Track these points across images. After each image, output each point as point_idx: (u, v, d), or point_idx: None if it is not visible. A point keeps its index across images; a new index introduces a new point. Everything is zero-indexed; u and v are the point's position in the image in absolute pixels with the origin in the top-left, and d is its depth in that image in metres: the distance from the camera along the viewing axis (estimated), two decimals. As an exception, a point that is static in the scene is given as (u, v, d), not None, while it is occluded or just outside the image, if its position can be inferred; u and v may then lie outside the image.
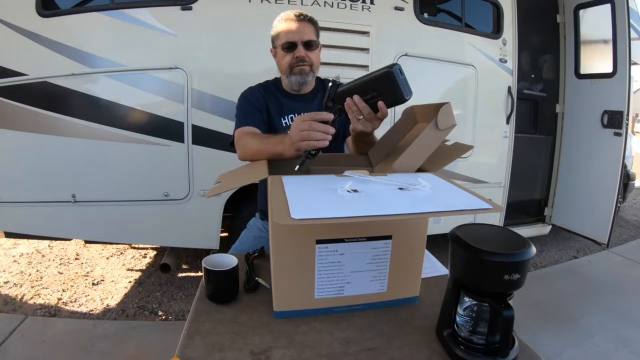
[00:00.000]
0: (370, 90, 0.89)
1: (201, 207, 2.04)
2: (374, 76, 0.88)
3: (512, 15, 2.45)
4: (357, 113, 0.91)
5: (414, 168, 0.85)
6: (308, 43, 1.20)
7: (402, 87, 0.85)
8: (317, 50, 1.24)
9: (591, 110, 2.67)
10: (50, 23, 1.81)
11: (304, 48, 1.20)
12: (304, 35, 1.19)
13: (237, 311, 0.81)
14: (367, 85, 0.89)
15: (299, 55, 1.20)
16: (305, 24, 1.21)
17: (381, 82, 0.86)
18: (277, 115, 1.26)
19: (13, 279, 2.43)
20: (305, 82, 1.24)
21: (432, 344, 0.72)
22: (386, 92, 0.86)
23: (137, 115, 1.92)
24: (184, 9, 1.88)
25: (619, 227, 3.69)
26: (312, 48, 1.22)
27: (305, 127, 0.85)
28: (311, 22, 1.22)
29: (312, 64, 1.23)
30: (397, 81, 0.84)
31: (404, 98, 0.86)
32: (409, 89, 0.86)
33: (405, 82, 0.85)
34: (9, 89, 1.81)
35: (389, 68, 0.85)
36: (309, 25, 1.21)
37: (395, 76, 0.84)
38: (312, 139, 0.84)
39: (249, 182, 0.83)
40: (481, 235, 0.67)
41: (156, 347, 1.76)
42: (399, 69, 0.85)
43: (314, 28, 1.23)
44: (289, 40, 1.19)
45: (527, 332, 1.91)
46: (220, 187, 0.81)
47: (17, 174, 1.93)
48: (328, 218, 0.58)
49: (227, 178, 0.88)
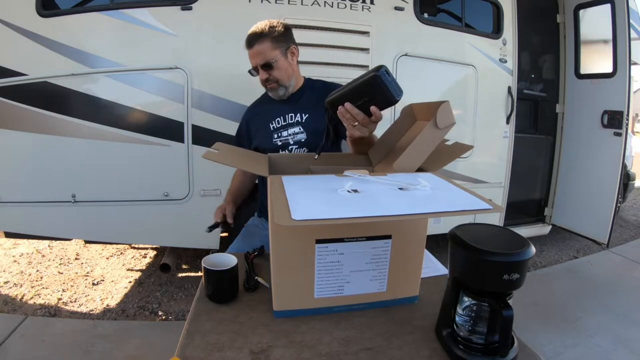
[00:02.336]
0: (361, 96, 0.88)
1: (201, 207, 2.04)
2: (362, 82, 0.87)
3: (512, 15, 2.45)
4: (351, 120, 0.92)
5: (414, 168, 0.85)
6: (265, 65, 1.24)
7: (392, 89, 0.85)
8: (279, 64, 1.26)
9: (591, 110, 2.67)
10: (50, 23, 1.81)
11: (263, 70, 1.25)
12: (258, 59, 1.24)
13: (237, 310, 0.81)
14: (356, 91, 0.89)
15: (261, 79, 1.28)
16: (258, 46, 1.23)
17: (370, 86, 0.86)
18: (266, 122, 1.33)
19: (13, 279, 2.43)
20: (279, 95, 1.31)
21: (432, 343, 0.72)
22: (377, 95, 0.86)
23: (137, 115, 1.92)
24: (184, 9, 1.88)
25: (619, 227, 3.69)
26: (271, 67, 1.25)
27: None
28: (263, 39, 1.23)
29: (278, 80, 1.27)
30: (385, 84, 0.84)
31: (395, 99, 0.86)
32: (399, 89, 0.86)
33: (393, 82, 0.85)
34: (9, 89, 1.81)
35: (375, 71, 0.84)
36: (261, 46, 1.23)
37: (382, 79, 0.84)
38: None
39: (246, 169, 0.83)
40: (481, 235, 0.67)
41: (156, 347, 1.76)
42: (385, 70, 0.84)
43: (269, 44, 1.23)
44: (252, 66, 1.27)
45: (527, 332, 1.92)
46: (218, 157, 0.81)
47: (17, 174, 1.93)
48: (328, 219, 0.58)
49: (226, 152, 0.87)
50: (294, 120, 1.31)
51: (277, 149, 1.30)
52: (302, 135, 1.30)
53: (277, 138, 1.31)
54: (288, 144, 1.31)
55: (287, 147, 1.31)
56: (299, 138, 1.30)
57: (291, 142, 1.30)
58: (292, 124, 1.31)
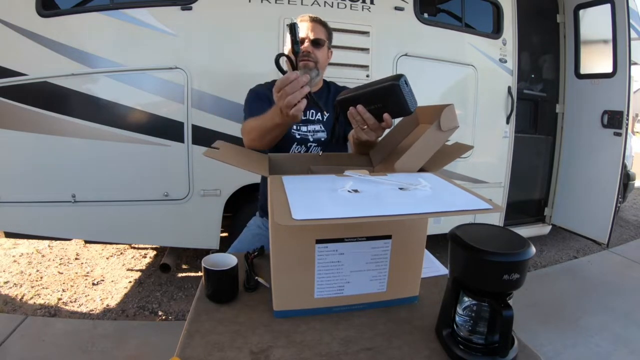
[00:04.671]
0: (375, 102, 0.88)
1: (201, 207, 2.04)
2: (379, 87, 0.86)
3: (512, 15, 2.45)
4: (361, 123, 0.91)
5: (415, 169, 0.85)
6: (316, 41, 1.25)
7: (408, 100, 0.84)
8: (324, 49, 1.29)
9: (591, 110, 2.67)
10: (50, 23, 1.81)
11: (311, 44, 1.24)
12: (312, 33, 1.25)
13: (237, 311, 0.81)
14: (371, 95, 0.88)
15: (304, 50, 1.23)
16: (317, 24, 1.27)
17: (387, 94, 0.85)
18: None
19: (13, 279, 2.43)
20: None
21: (432, 343, 0.72)
22: (391, 103, 0.86)
23: (137, 115, 1.92)
24: (184, 9, 1.88)
25: (619, 227, 3.69)
26: (319, 46, 1.26)
27: (283, 95, 0.86)
28: (323, 25, 1.29)
29: (318, 62, 1.26)
30: (403, 94, 0.83)
31: (410, 110, 0.85)
32: (414, 101, 0.85)
33: (410, 93, 0.84)
34: (9, 89, 1.81)
35: (395, 80, 0.83)
36: (319, 26, 1.27)
37: (401, 89, 0.83)
38: (293, 102, 0.85)
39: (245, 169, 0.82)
40: (481, 235, 0.67)
41: (156, 347, 1.76)
42: (404, 80, 0.83)
43: (324, 30, 1.29)
44: (302, 36, 1.24)
45: (527, 332, 1.92)
46: (218, 155, 0.80)
47: (17, 174, 1.93)
48: (329, 218, 0.58)
49: (227, 150, 0.87)
50: (315, 117, 1.28)
51: (293, 140, 1.25)
52: (322, 134, 1.27)
53: (295, 130, 1.26)
54: (307, 140, 1.26)
55: (305, 142, 1.26)
56: (319, 136, 1.27)
57: (311, 139, 1.26)
58: (313, 121, 1.28)
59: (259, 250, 1.05)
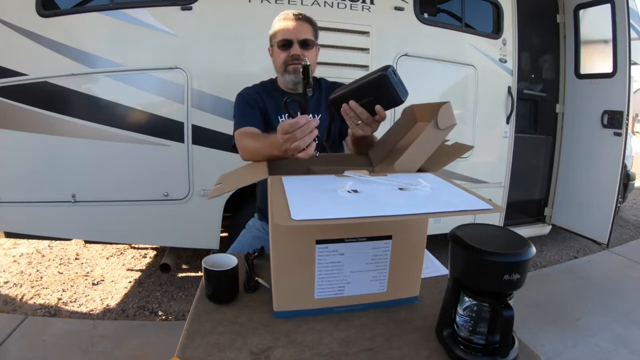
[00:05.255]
0: (366, 95, 0.88)
1: (201, 207, 2.04)
2: (368, 80, 0.87)
3: (512, 15, 2.45)
4: (355, 118, 0.91)
5: (414, 168, 0.85)
6: (304, 42, 1.21)
7: (398, 89, 0.84)
8: (313, 50, 1.25)
9: (591, 110, 2.67)
10: (50, 23, 1.81)
11: (300, 47, 1.20)
12: (301, 34, 1.20)
13: (237, 311, 0.81)
14: (362, 90, 0.88)
15: (294, 54, 1.20)
16: (303, 23, 1.21)
17: (376, 86, 0.85)
18: (274, 113, 1.26)
19: (13, 279, 2.43)
20: (299, 81, 1.20)
21: (432, 343, 0.72)
22: (382, 95, 0.86)
23: (137, 115, 1.92)
24: (184, 9, 1.88)
25: (619, 227, 3.69)
26: (309, 47, 1.22)
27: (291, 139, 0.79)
28: (309, 22, 1.23)
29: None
30: (392, 84, 0.84)
31: (401, 99, 0.86)
32: (404, 90, 0.86)
33: (400, 83, 0.85)
34: (9, 89, 1.81)
35: (383, 71, 0.84)
36: (306, 25, 1.22)
37: (389, 79, 0.83)
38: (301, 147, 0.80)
39: (249, 183, 0.83)
40: (481, 235, 0.67)
41: (156, 347, 1.76)
42: (392, 71, 0.84)
43: (311, 28, 1.23)
44: (285, 38, 1.20)
45: (527, 332, 1.92)
46: (221, 188, 0.81)
47: (17, 174, 1.93)
48: (328, 219, 0.58)
49: (228, 179, 0.88)
50: None
51: None
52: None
53: None
54: None
55: None
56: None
57: None
58: None
59: (259, 250, 1.05)
